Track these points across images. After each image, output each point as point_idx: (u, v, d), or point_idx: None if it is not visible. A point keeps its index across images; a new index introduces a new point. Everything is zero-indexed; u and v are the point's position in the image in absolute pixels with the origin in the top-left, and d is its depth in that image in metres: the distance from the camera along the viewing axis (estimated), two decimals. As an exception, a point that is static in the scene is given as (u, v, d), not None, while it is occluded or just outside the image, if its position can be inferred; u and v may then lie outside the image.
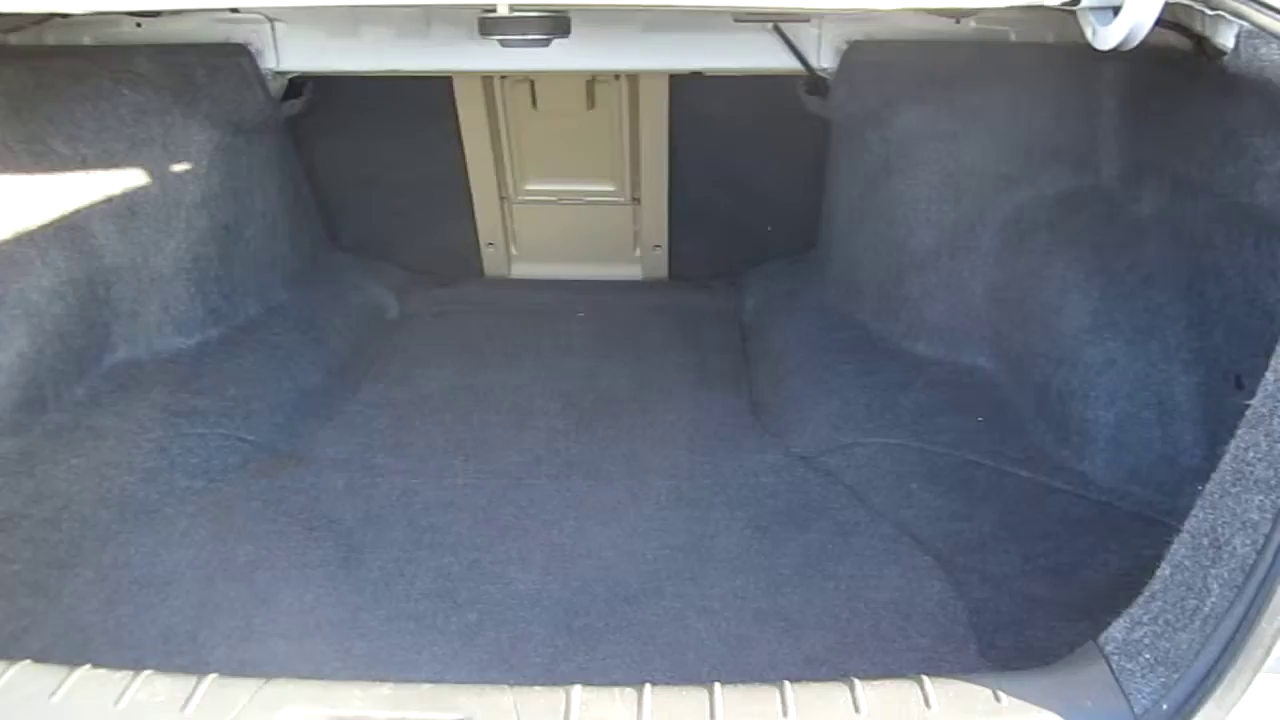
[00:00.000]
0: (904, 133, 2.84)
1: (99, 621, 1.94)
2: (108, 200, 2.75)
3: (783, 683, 1.24)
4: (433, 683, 1.30)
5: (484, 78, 3.24)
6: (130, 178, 2.79)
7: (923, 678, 1.28)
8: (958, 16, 2.71)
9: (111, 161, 2.77)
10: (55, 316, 2.57)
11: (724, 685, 1.23)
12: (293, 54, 3.01)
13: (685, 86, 3.22)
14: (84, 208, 2.71)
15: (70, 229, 2.67)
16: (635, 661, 1.85)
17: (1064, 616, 1.85)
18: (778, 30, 2.88)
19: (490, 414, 2.73)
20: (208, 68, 2.91)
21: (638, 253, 3.70)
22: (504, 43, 2.37)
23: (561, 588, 2.04)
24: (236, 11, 2.89)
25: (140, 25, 2.91)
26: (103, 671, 1.32)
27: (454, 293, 3.56)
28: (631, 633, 1.91)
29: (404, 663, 1.84)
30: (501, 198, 3.57)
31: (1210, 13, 1.82)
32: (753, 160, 3.40)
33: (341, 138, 3.44)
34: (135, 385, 2.69)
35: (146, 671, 1.31)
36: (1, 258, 2.50)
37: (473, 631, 1.92)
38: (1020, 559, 2.05)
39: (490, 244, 3.67)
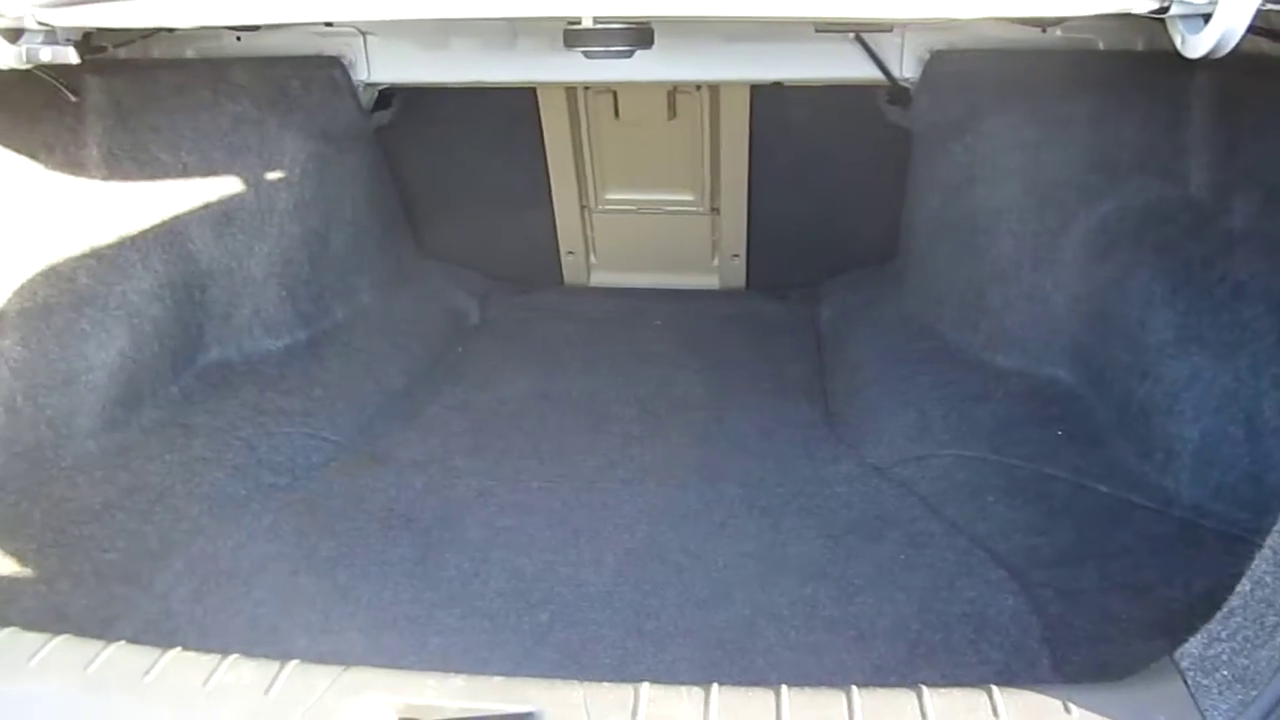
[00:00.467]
0: (987, 142, 2.81)
1: (187, 610, 2.01)
2: (205, 207, 2.85)
3: (850, 687, 1.25)
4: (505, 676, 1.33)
5: (567, 88, 3.29)
6: (227, 185, 2.89)
7: (992, 687, 1.27)
8: (1044, 25, 2.67)
9: (210, 169, 2.87)
10: (154, 318, 2.67)
11: (791, 687, 1.24)
12: (383, 66, 3.09)
13: (766, 96, 3.23)
14: (183, 214, 2.81)
15: (170, 234, 2.77)
16: (703, 665, 1.86)
17: (1142, 635, 1.81)
18: (859, 40, 2.87)
19: (566, 419, 2.77)
20: (302, 79, 3.00)
21: (715, 262, 3.72)
22: (588, 54, 2.40)
23: (633, 591, 2.06)
24: (331, 25, 2.99)
25: (240, 39, 3.02)
26: (192, 654, 1.38)
27: (534, 300, 3.61)
28: (701, 637, 1.92)
29: (477, 659, 1.88)
30: (582, 207, 3.61)
31: (1305, 19, 1.78)
32: (831, 170, 3.40)
33: (428, 148, 3.51)
34: (226, 385, 2.78)
35: (233, 656, 1.37)
36: (105, 260, 2.61)
37: (544, 631, 1.95)
38: (1098, 575, 2.01)
39: (570, 252, 3.72)
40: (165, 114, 2.84)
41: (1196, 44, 1.72)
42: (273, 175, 2.95)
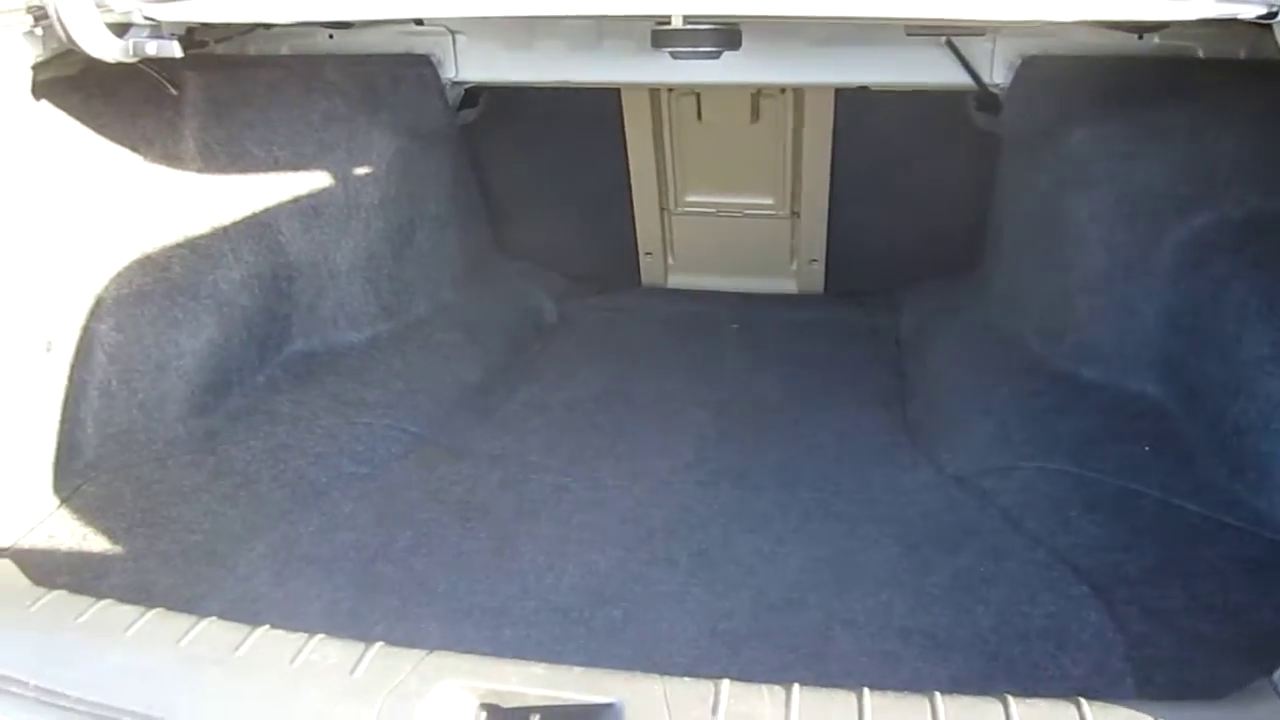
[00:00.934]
0: (1079, 150, 2.75)
1: (269, 593, 2.05)
2: (294, 200, 2.90)
3: (933, 693, 1.23)
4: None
5: (651, 90, 3.31)
6: (316, 180, 2.95)
7: (1080, 700, 1.24)
8: (1141, 31, 2.61)
9: (300, 164, 2.92)
10: (242, 307, 2.72)
11: (873, 691, 1.23)
12: (471, 65, 3.13)
13: (849, 100, 3.20)
14: (273, 207, 2.86)
15: (260, 226, 2.83)
16: (777, 669, 1.84)
17: (1230, 658, 1.76)
18: (950, 45, 2.84)
19: (641, 419, 2.77)
20: (392, 77, 3.06)
21: (794, 266, 3.70)
22: (675, 55, 2.40)
23: (705, 592, 2.06)
24: (421, 24, 3.03)
25: (332, 37, 3.08)
26: (279, 632, 1.41)
27: (611, 300, 3.63)
28: (774, 640, 1.91)
29: (550, 652, 1.89)
30: (662, 208, 3.62)
31: None
32: (913, 176, 3.35)
33: (511, 146, 3.55)
34: (310, 374, 2.83)
35: (319, 635, 1.40)
36: (198, 251, 2.67)
37: (618, 627, 1.96)
38: (1185, 595, 1.95)
39: (648, 253, 3.73)
40: (259, 109, 2.90)
41: (1306, 50, 1.67)
42: (360, 171, 3.00)
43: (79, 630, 1.44)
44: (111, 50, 2.10)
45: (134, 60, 2.16)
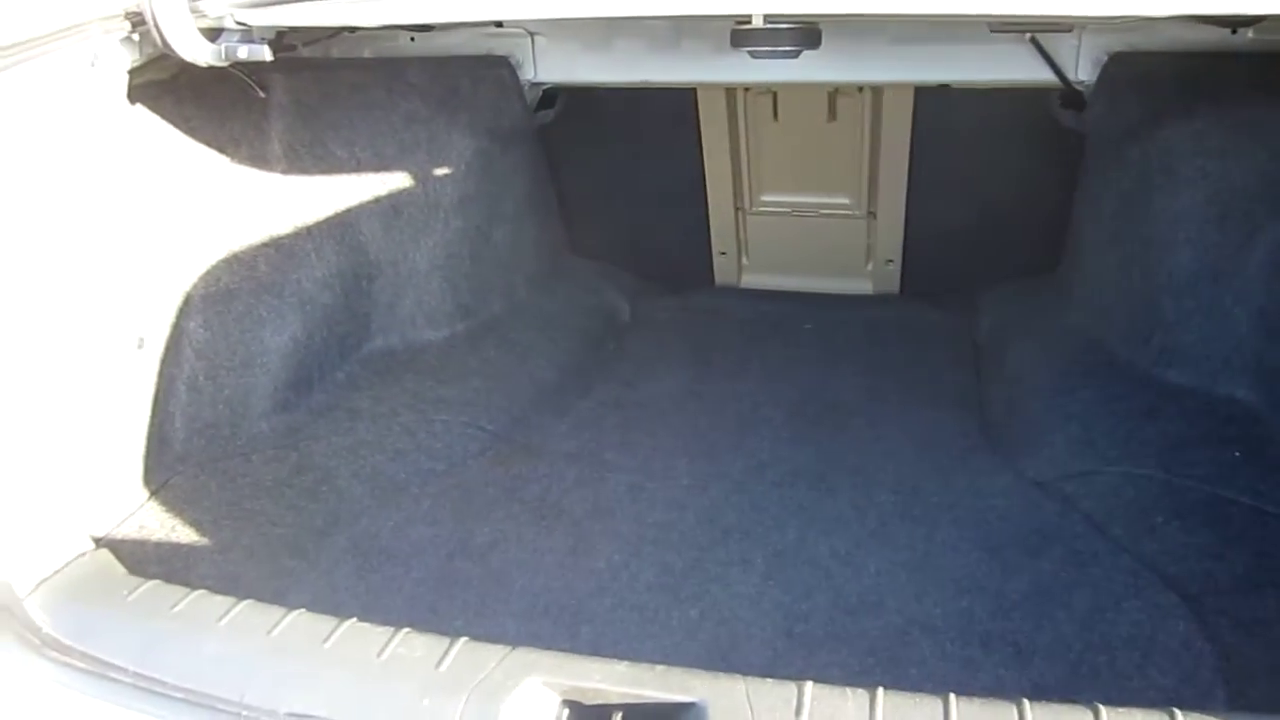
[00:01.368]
0: (1167, 148, 2.68)
1: (350, 586, 2.09)
2: (375, 200, 2.95)
3: (1021, 700, 1.21)
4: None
5: (727, 89, 3.30)
6: (396, 180, 2.99)
7: (1175, 711, 1.21)
8: (1235, 26, 2.54)
9: (381, 165, 2.97)
10: (324, 305, 2.77)
11: (959, 697, 1.21)
12: (549, 66, 3.15)
13: (928, 98, 3.17)
14: (354, 207, 2.91)
15: (341, 225, 2.88)
16: (856, 672, 1.83)
17: (1329, 672, 1.71)
18: (1034, 41, 2.79)
19: (716, 419, 2.77)
20: (472, 79, 3.09)
21: (870, 267, 3.66)
22: (754, 54, 2.40)
23: (782, 593, 2.05)
24: (501, 26, 3.07)
25: (414, 39, 3.13)
26: (367, 625, 1.44)
27: (684, 300, 3.63)
28: (852, 644, 1.90)
29: (627, 650, 1.89)
30: (737, 208, 3.61)
31: None
32: (993, 176, 3.30)
33: (586, 147, 3.57)
34: (389, 372, 2.87)
35: (405, 629, 1.42)
36: (283, 250, 2.73)
37: (694, 627, 1.96)
38: (1279, 605, 1.90)
39: (723, 253, 3.72)
40: (342, 111, 2.95)
41: None
42: (440, 171, 3.04)
43: (174, 619, 1.48)
44: (204, 55, 2.16)
45: (225, 64, 2.21)
